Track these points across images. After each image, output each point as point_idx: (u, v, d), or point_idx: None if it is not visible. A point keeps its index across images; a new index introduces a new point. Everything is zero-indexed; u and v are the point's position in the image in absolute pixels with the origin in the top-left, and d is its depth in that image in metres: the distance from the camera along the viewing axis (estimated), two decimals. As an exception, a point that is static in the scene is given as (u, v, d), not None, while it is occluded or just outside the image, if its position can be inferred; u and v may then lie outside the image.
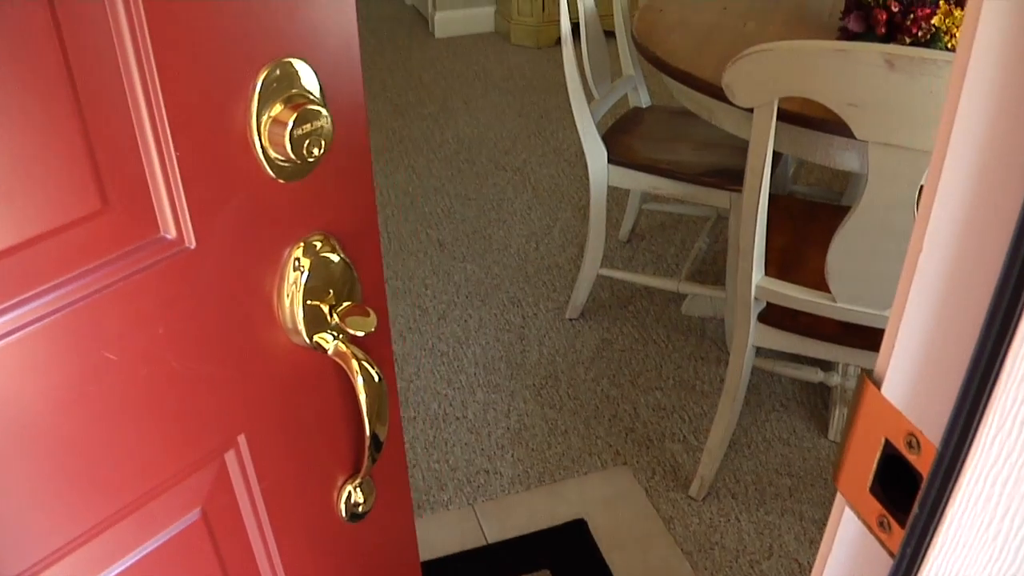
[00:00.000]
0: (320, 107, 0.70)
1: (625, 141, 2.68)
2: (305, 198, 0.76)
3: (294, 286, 0.77)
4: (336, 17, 0.72)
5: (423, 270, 3.16)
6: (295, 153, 0.70)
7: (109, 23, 0.58)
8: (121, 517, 0.73)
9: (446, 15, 5.66)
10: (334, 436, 0.91)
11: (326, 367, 0.85)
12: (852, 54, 1.53)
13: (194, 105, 0.64)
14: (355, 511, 0.96)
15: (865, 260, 1.79)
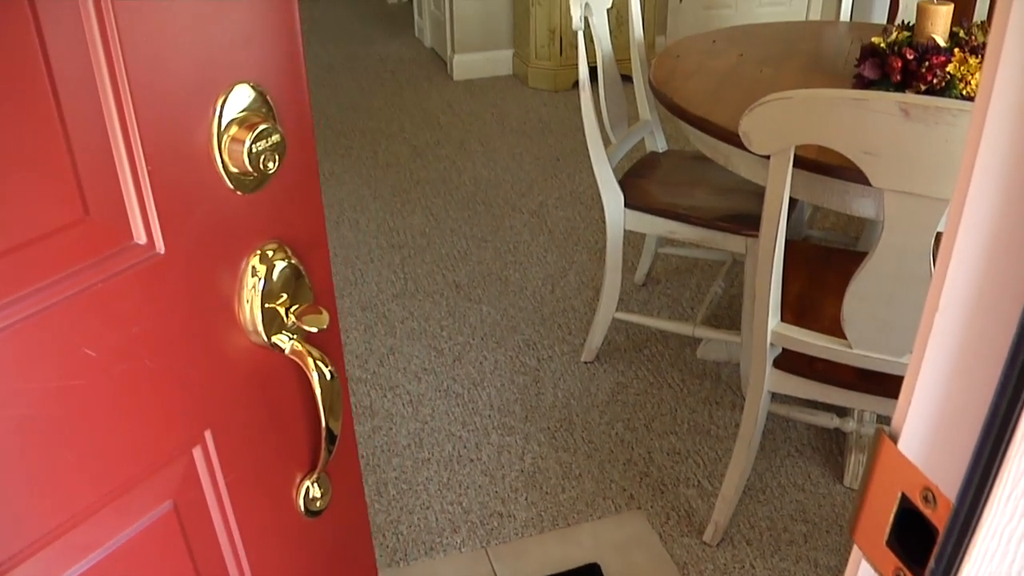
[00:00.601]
0: (273, 126, 0.78)
1: (642, 185, 2.69)
2: (261, 209, 0.83)
3: (253, 290, 0.84)
4: (285, 47, 0.81)
5: (439, 311, 3.17)
6: (252, 167, 0.77)
7: (90, 54, 0.66)
8: (99, 507, 0.78)
9: (464, 58, 5.71)
10: (292, 432, 0.96)
11: (283, 366, 0.91)
12: (868, 103, 1.54)
13: (164, 125, 0.71)
14: (313, 506, 1.02)
15: (881, 307, 1.79)
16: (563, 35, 5.34)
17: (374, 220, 3.85)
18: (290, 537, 1.02)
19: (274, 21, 0.79)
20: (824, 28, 3.07)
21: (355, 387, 2.79)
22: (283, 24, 0.80)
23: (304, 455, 0.99)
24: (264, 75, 0.78)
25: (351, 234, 3.73)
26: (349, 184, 4.21)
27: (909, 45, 2.24)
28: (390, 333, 3.06)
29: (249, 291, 0.84)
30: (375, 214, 3.91)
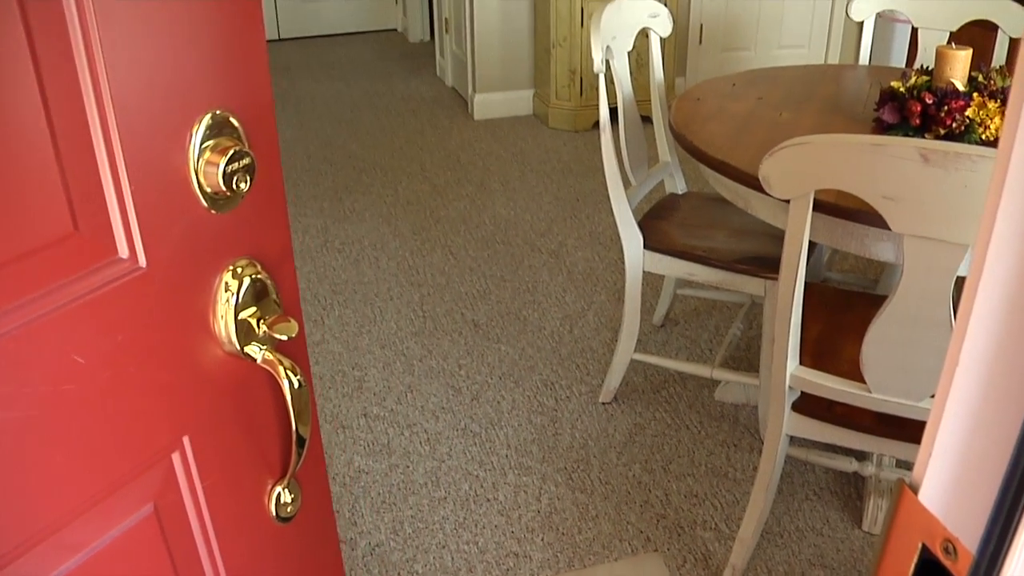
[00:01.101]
0: (244, 149, 0.84)
1: (661, 227, 2.70)
2: (233, 227, 0.90)
3: (226, 303, 0.89)
4: (254, 77, 0.88)
5: (458, 350, 3.17)
6: (226, 187, 0.84)
7: (80, 85, 0.72)
8: (86, 509, 0.82)
9: (485, 98, 5.75)
10: (264, 438, 1.02)
11: (256, 375, 0.97)
12: (887, 148, 1.55)
13: (145, 148, 0.78)
14: (284, 512, 1.06)
15: (901, 351, 1.78)
16: (583, 76, 5.38)
17: (394, 258, 3.87)
18: (263, 541, 1.06)
19: (244, 54, 0.86)
20: (843, 71, 3.09)
21: (372, 424, 2.79)
22: (252, 56, 0.87)
23: (275, 461, 1.04)
24: (235, 102, 0.85)
25: (371, 271, 3.75)
26: (369, 222, 4.24)
27: (928, 89, 2.25)
28: (408, 371, 3.06)
29: (223, 304, 0.89)
30: (395, 252, 3.93)
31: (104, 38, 0.73)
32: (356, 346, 3.22)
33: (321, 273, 3.76)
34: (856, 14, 3.19)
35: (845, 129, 2.40)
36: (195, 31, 0.80)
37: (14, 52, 0.68)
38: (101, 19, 0.72)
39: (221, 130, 0.84)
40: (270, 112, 0.90)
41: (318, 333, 3.30)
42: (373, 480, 2.58)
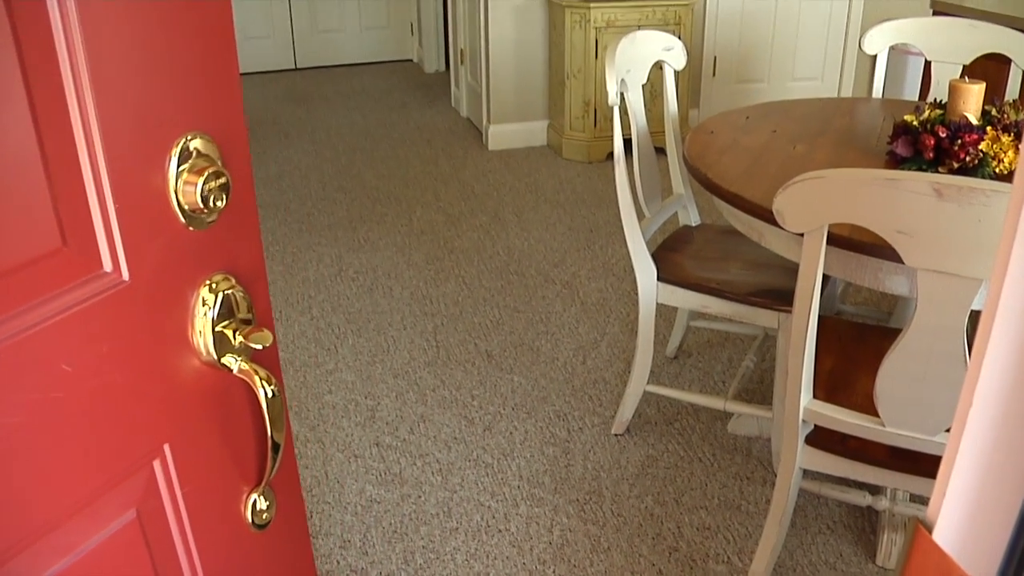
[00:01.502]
0: (220, 169, 0.89)
1: (675, 259, 2.70)
2: (210, 243, 0.94)
3: (204, 316, 0.94)
4: (228, 101, 0.93)
5: (471, 381, 3.18)
6: (203, 205, 0.88)
7: (69, 114, 0.78)
8: (72, 513, 0.86)
9: (500, 128, 5.78)
10: (241, 446, 1.06)
11: (232, 385, 1.01)
12: (901, 183, 1.55)
13: (128, 170, 0.83)
14: (260, 519, 1.10)
15: (915, 385, 1.78)
16: (597, 107, 5.40)
17: (408, 287, 3.88)
18: (239, 548, 1.09)
19: (218, 81, 0.92)
20: (856, 104, 3.10)
21: (384, 454, 2.79)
22: (226, 83, 0.93)
23: (251, 469, 1.08)
24: (210, 126, 0.91)
25: (385, 301, 3.76)
26: (384, 251, 4.26)
27: (941, 123, 2.25)
28: (421, 401, 3.07)
29: (201, 316, 0.94)
30: (409, 281, 3.94)
31: (91, 68, 0.78)
32: (369, 375, 3.22)
33: (335, 302, 3.77)
34: (869, 47, 3.21)
35: (859, 162, 2.41)
36: (174, 61, 0.86)
37: (9, 84, 0.74)
38: (88, 50, 0.78)
39: (198, 152, 0.89)
40: (243, 134, 0.96)
41: (331, 362, 3.31)
42: (385, 510, 2.57)
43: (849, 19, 6.16)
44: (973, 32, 3.08)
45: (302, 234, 4.50)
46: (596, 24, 5.22)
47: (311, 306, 3.74)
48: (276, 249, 4.32)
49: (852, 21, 6.16)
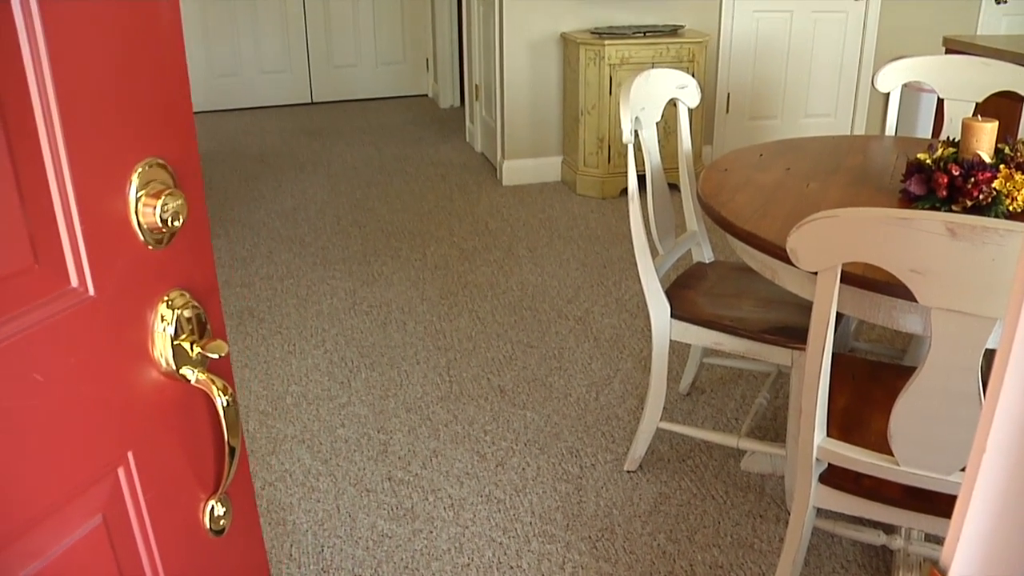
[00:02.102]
0: (176, 191, 0.97)
1: (688, 296, 2.71)
2: (168, 261, 1.01)
3: (163, 329, 1.00)
4: (182, 128, 1.02)
5: (483, 416, 3.17)
6: (162, 225, 0.96)
7: (41, 146, 0.85)
8: (42, 519, 0.90)
9: (514, 164, 5.81)
10: (199, 454, 1.11)
11: (190, 394, 1.07)
12: (915, 222, 1.56)
13: (93, 193, 0.90)
14: (217, 525, 1.14)
15: (929, 424, 1.77)
16: (611, 143, 5.43)
17: (421, 322, 3.89)
18: (199, 554, 1.14)
19: (174, 111, 1.00)
20: (870, 142, 3.11)
21: (396, 488, 2.79)
22: (181, 113, 1.01)
23: (209, 475, 1.13)
24: (167, 151, 0.99)
25: (398, 335, 3.77)
26: (398, 286, 4.27)
27: (955, 161, 2.26)
28: (434, 436, 3.06)
29: (160, 330, 1.00)
30: (422, 316, 3.95)
31: (60, 102, 0.85)
32: (382, 409, 3.23)
33: (348, 336, 3.78)
34: (882, 85, 3.22)
35: (872, 200, 2.41)
36: (133, 95, 0.94)
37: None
38: (57, 88, 0.85)
39: (156, 175, 0.97)
40: (195, 159, 1.04)
41: (344, 395, 3.32)
42: (396, 545, 2.57)
43: (862, 56, 6.19)
44: (986, 70, 3.09)
45: (316, 267, 4.52)
46: (610, 61, 5.25)
47: (325, 339, 3.75)
48: (290, 282, 4.34)
49: (865, 58, 6.19)
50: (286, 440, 3.04)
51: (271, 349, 3.68)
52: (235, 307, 4.08)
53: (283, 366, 3.55)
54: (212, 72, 8.11)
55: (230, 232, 5.06)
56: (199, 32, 7.98)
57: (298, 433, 3.09)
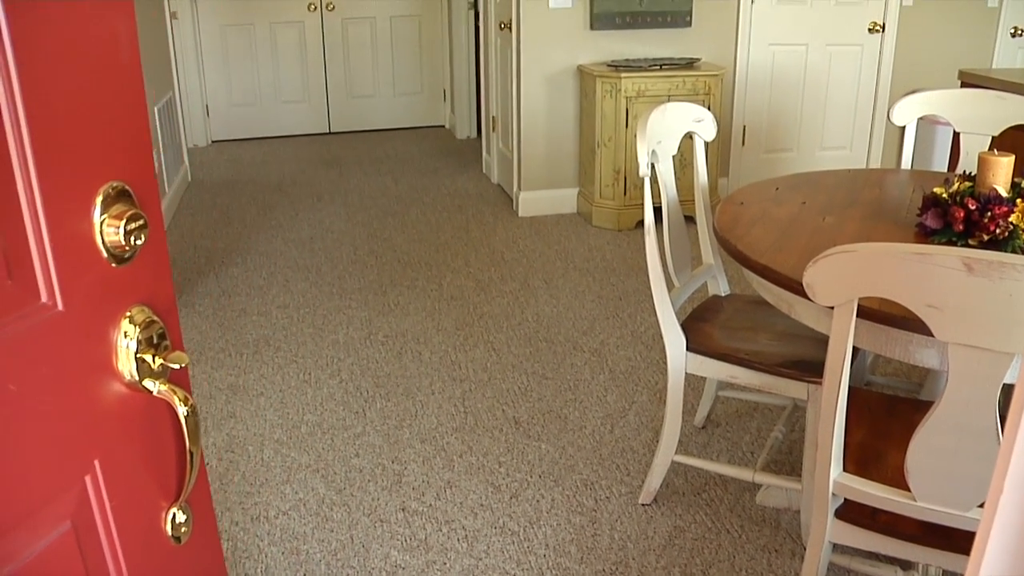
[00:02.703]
0: (138, 211, 1.03)
1: (704, 329, 2.71)
2: (130, 278, 1.07)
3: (127, 343, 1.05)
4: (141, 154, 1.09)
5: (498, 447, 3.17)
6: (125, 243, 1.02)
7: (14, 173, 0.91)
8: (14, 524, 0.94)
9: (530, 195, 5.83)
10: (162, 463, 1.16)
11: (153, 405, 1.12)
12: (931, 257, 1.56)
13: (61, 214, 0.96)
14: (179, 532, 1.18)
15: (946, 459, 1.76)
16: (627, 176, 5.44)
17: (437, 353, 3.90)
18: (161, 561, 1.18)
19: (134, 137, 1.07)
20: (886, 176, 3.11)
21: (410, 519, 2.78)
22: (140, 139, 1.09)
23: (171, 483, 1.18)
24: (128, 175, 1.05)
25: (414, 365, 3.78)
26: (413, 316, 4.28)
27: (971, 195, 2.26)
28: (448, 467, 3.06)
29: (124, 343, 1.05)
30: (438, 347, 3.96)
31: (31, 131, 0.91)
32: (397, 439, 3.23)
33: (364, 365, 3.78)
34: (898, 119, 3.23)
35: (888, 234, 2.41)
36: (97, 123, 1.01)
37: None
38: (28, 117, 0.91)
39: (119, 197, 1.02)
40: (154, 182, 1.12)
41: (359, 425, 3.32)
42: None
43: (877, 89, 6.20)
44: (1001, 104, 3.10)
45: (332, 297, 4.54)
46: (627, 94, 5.28)
47: (340, 369, 3.76)
48: (306, 311, 4.35)
49: (880, 91, 6.20)
50: (300, 469, 3.05)
51: (287, 378, 3.69)
52: (252, 336, 4.09)
53: (299, 395, 3.55)
54: (231, 101, 8.19)
55: (247, 261, 5.09)
56: (219, 62, 8.06)
57: (312, 462, 3.09)
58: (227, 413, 3.41)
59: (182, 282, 4.78)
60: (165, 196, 5.84)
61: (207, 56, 8.03)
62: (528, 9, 5.50)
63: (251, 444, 3.20)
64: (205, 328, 4.19)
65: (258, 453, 3.15)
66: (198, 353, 3.93)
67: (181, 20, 7.76)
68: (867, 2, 6.03)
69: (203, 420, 3.36)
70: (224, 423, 3.34)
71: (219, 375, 3.72)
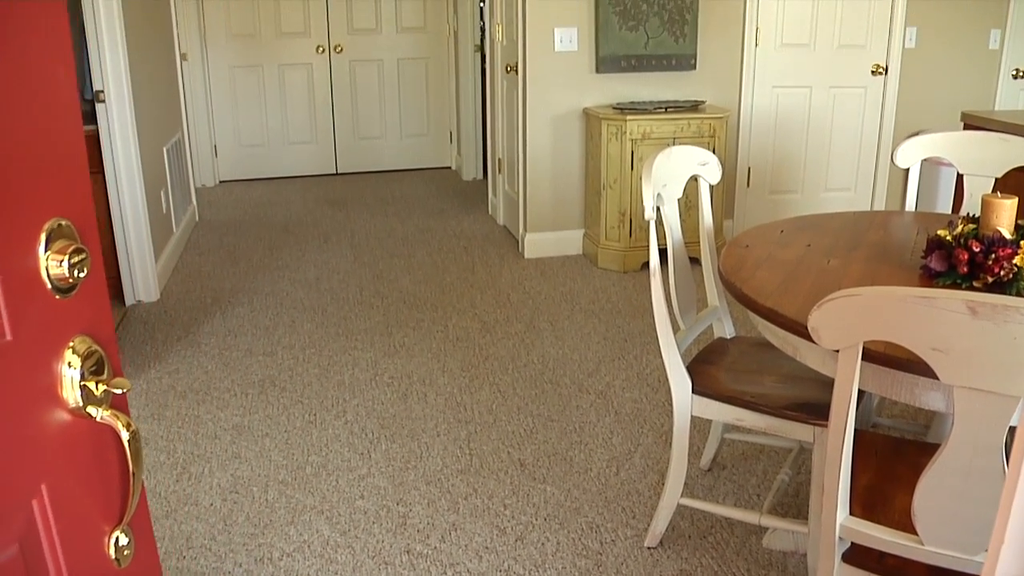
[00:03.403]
0: (80, 245, 1.08)
1: (710, 372, 2.71)
2: (73, 309, 1.11)
3: (71, 372, 1.09)
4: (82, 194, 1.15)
5: (503, 490, 3.16)
6: (70, 275, 1.06)
7: None
8: None
9: (536, 237, 5.85)
10: (106, 486, 1.19)
11: (97, 431, 1.16)
12: (936, 301, 1.56)
13: (10, 251, 1.00)
14: (121, 556, 1.21)
15: (953, 503, 1.76)
16: (633, 217, 5.46)
17: (442, 394, 3.90)
18: None
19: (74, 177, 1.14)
20: (890, 218, 3.12)
21: (415, 562, 2.77)
22: (80, 178, 1.15)
23: (115, 507, 1.21)
24: (70, 212, 1.11)
25: (419, 407, 3.77)
26: (419, 357, 4.28)
27: (975, 237, 2.26)
28: (453, 509, 3.05)
29: (68, 372, 1.09)
30: (443, 388, 3.95)
31: None
32: (402, 481, 3.22)
33: (369, 407, 3.78)
34: (901, 161, 3.24)
35: (893, 277, 2.42)
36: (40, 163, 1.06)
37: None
38: None
39: (61, 232, 1.08)
40: (93, 218, 1.18)
41: (364, 466, 3.31)
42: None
43: (881, 130, 6.24)
44: (1004, 146, 3.11)
45: (339, 338, 4.54)
46: (632, 136, 5.31)
47: (346, 410, 3.76)
48: (312, 352, 4.36)
49: (884, 132, 6.24)
50: (305, 511, 3.04)
51: (292, 419, 3.69)
52: (257, 376, 4.10)
53: (304, 436, 3.55)
54: (240, 142, 8.25)
55: (253, 301, 5.10)
56: (228, 103, 8.13)
57: (317, 504, 3.08)
58: (232, 454, 3.41)
59: (188, 321, 4.79)
60: (173, 236, 5.87)
61: (216, 97, 8.10)
62: (534, 52, 5.55)
63: (255, 485, 3.20)
64: (211, 368, 4.19)
65: (262, 494, 3.14)
66: (203, 393, 3.93)
67: (191, 61, 7.84)
68: (870, 45, 6.08)
69: (208, 460, 3.36)
70: (229, 464, 3.34)
71: (224, 415, 3.73)
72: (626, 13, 5.49)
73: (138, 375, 4.13)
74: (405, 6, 8.38)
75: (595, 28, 5.54)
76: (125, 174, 4.87)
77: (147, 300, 5.12)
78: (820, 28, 5.99)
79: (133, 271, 5.02)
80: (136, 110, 4.93)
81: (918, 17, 6.08)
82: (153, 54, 5.74)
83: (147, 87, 5.40)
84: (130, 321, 4.82)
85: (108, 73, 4.70)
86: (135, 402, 3.85)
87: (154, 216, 5.27)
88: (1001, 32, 6.26)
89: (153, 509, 3.05)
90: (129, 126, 4.83)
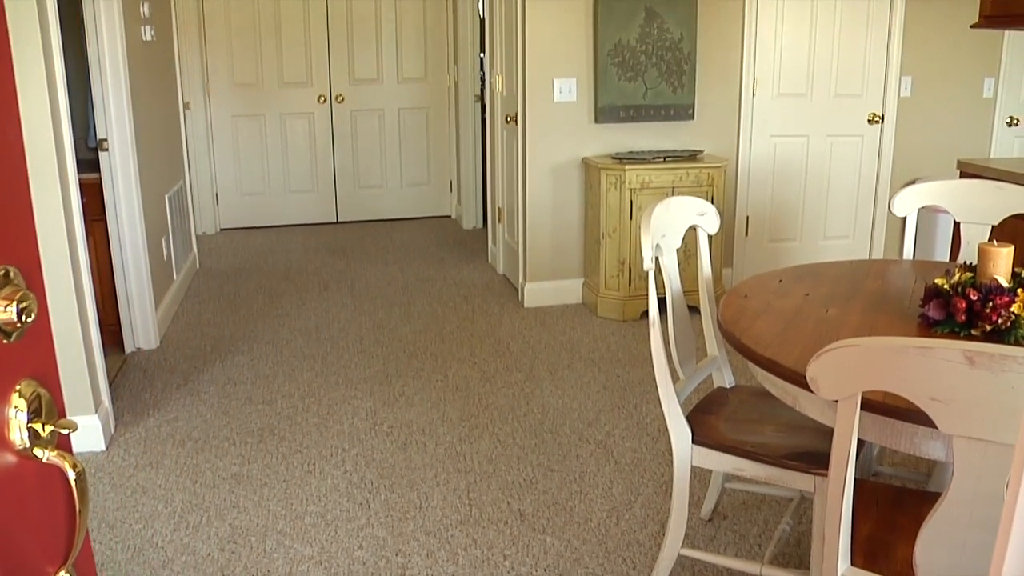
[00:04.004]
0: (27, 291, 1.11)
1: (710, 422, 2.70)
2: (20, 353, 1.13)
3: (17, 415, 1.11)
4: (29, 243, 1.19)
5: (503, 540, 3.14)
6: (18, 321, 1.08)
7: None
8: None
9: (535, 286, 5.86)
10: (51, 528, 1.21)
11: (43, 473, 1.18)
12: (933, 351, 1.57)
13: None
14: None
15: (955, 552, 1.75)
16: (632, 266, 5.48)
17: (442, 444, 3.89)
18: None
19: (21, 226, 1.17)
20: (888, 267, 3.13)
21: (415, 615, 2.75)
22: (26, 227, 1.19)
23: (60, 548, 1.23)
24: (17, 260, 1.14)
25: (418, 457, 3.76)
26: (418, 406, 4.28)
27: (973, 286, 2.28)
28: (452, 560, 3.03)
29: (15, 414, 1.11)
30: (443, 438, 3.95)
31: None
32: (401, 532, 3.20)
33: (368, 456, 3.77)
34: (899, 210, 3.27)
35: (891, 326, 2.43)
36: None
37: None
38: None
39: (9, 279, 1.10)
40: (39, 265, 1.22)
41: (363, 517, 3.30)
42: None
43: (878, 178, 6.28)
44: (1000, 194, 3.13)
45: (338, 387, 4.54)
46: (631, 185, 5.34)
47: (344, 460, 3.75)
48: (311, 401, 4.35)
49: (881, 180, 6.28)
50: (303, 561, 3.02)
51: (291, 468, 3.68)
52: (256, 425, 4.09)
53: (302, 486, 3.54)
54: (241, 191, 8.29)
55: (253, 349, 5.10)
56: (229, 151, 8.18)
57: (316, 554, 3.06)
58: (230, 503, 3.40)
59: (188, 369, 4.79)
60: (173, 283, 5.89)
61: (218, 145, 8.16)
62: (534, 102, 5.60)
63: (254, 535, 3.18)
64: (210, 416, 4.19)
65: (260, 544, 3.12)
66: (202, 441, 3.92)
67: (193, 110, 7.90)
68: (866, 94, 6.14)
69: (206, 510, 3.34)
70: (227, 513, 3.33)
71: (223, 464, 3.71)
72: (625, 64, 5.55)
73: (136, 423, 4.12)
74: (406, 56, 8.46)
75: (594, 78, 5.60)
76: (127, 222, 4.89)
77: (147, 347, 5.12)
78: (816, 78, 6.05)
79: (133, 318, 5.03)
80: (139, 158, 4.96)
81: (913, 66, 6.14)
82: (156, 103, 5.78)
83: (150, 136, 5.44)
84: (129, 368, 4.82)
85: (112, 122, 4.74)
86: (133, 450, 3.84)
87: (155, 263, 5.29)
88: (995, 80, 6.32)
89: (150, 559, 3.03)
90: (132, 174, 4.86)
